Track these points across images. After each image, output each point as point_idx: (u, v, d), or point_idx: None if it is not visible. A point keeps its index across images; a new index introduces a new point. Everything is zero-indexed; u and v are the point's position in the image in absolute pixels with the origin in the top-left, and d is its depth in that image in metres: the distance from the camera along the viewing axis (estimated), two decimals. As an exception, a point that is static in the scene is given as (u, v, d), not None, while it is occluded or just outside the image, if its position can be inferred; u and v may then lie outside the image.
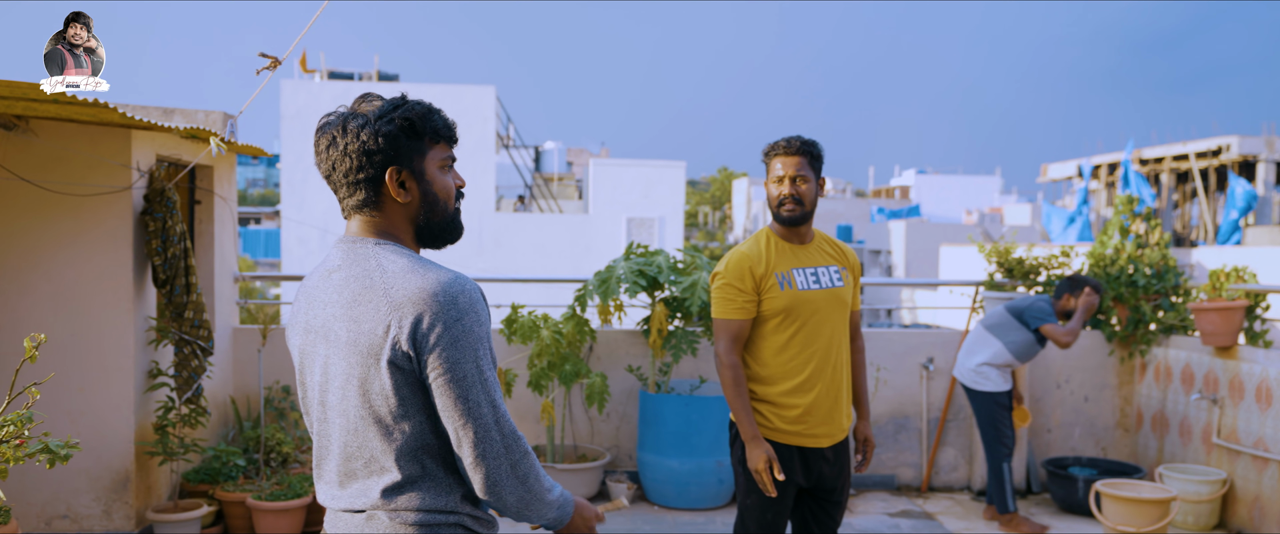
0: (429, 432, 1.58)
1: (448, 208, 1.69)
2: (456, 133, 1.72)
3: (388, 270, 1.56)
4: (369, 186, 1.61)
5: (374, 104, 1.64)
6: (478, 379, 1.53)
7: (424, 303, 1.51)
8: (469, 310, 1.53)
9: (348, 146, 1.59)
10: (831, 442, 2.92)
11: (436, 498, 1.59)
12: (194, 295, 4.38)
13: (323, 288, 1.64)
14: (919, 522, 5.09)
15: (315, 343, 1.64)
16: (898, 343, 5.69)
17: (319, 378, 1.64)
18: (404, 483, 1.58)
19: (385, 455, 1.58)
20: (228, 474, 4.68)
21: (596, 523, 1.79)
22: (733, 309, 2.86)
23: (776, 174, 2.88)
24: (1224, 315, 4.94)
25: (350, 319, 1.56)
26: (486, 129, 19.38)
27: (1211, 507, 4.93)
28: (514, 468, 1.57)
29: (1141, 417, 5.71)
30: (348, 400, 1.59)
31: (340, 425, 1.61)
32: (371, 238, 1.63)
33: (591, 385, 5.08)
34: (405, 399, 1.55)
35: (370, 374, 1.55)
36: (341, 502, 1.63)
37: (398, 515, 1.58)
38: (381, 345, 1.53)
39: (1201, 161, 23.60)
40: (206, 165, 5.03)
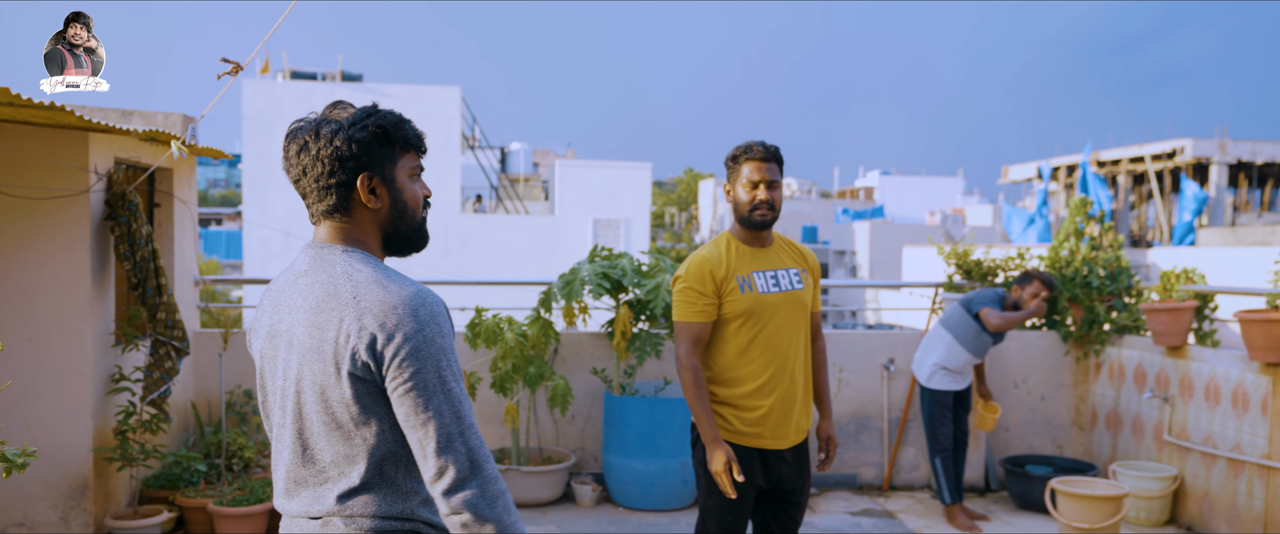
0: (390, 440, 1.59)
1: (416, 216, 1.71)
2: (426, 143, 1.74)
3: (354, 279, 1.58)
4: (339, 192, 1.62)
5: (347, 111, 1.66)
6: (439, 388, 1.52)
7: (385, 314, 1.52)
8: (430, 322, 1.54)
9: (320, 152, 1.60)
10: (791, 443, 2.96)
11: (393, 504, 1.60)
12: (166, 296, 4.35)
13: (288, 293, 1.65)
14: (880, 520, 5.17)
15: (278, 348, 1.64)
16: (859, 344, 5.76)
17: (280, 383, 1.65)
18: (360, 489, 1.59)
19: (342, 462, 1.59)
20: (189, 480, 4.63)
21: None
22: (694, 312, 2.89)
23: (751, 179, 2.89)
24: (1174, 316, 5.06)
25: (313, 326, 1.57)
26: (452, 130, 19.29)
27: (1163, 502, 5.06)
28: (483, 487, 1.51)
29: (1096, 415, 5.83)
30: (307, 406, 1.60)
31: (299, 431, 1.62)
32: (339, 245, 1.64)
33: (555, 387, 5.09)
34: (366, 407, 1.56)
35: (330, 381, 1.56)
36: (298, 508, 1.64)
37: (353, 522, 1.59)
38: (342, 354, 1.54)
39: (1157, 164, 24.09)
40: (166, 168, 4.98)
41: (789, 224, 44.39)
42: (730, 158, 2.94)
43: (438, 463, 1.51)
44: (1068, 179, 26.76)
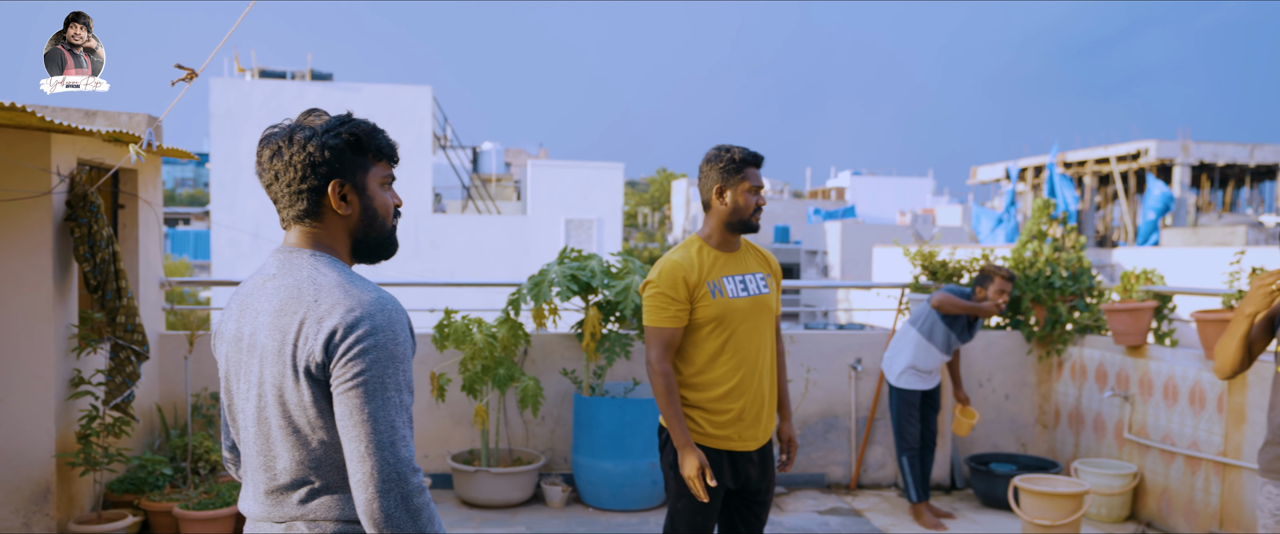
0: None
1: (386, 224, 1.73)
2: (398, 154, 1.76)
3: (317, 282, 1.59)
4: (311, 197, 1.64)
5: (321, 118, 1.68)
6: (380, 394, 1.51)
7: (341, 315, 1.53)
8: (386, 328, 1.54)
9: (293, 157, 1.62)
10: (758, 445, 3.00)
11: (354, 509, 1.62)
12: (126, 299, 4.31)
13: (256, 297, 1.66)
14: (847, 519, 5.22)
15: (243, 352, 1.65)
16: (827, 344, 5.82)
17: (245, 387, 1.65)
18: (322, 492, 1.60)
19: (304, 466, 1.60)
20: (154, 483, 4.59)
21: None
22: (666, 318, 2.90)
23: (755, 184, 2.92)
24: (1134, 316, 5.16)
25: (275, 328, 1.58)
26: (423, 129, 19.19)
27: (1123, 499, 5.15)
28: (406, 500, 1.50)
29: (1059, 413, 5.93)
30: (269, 410, 1.61)
31: (264, 435, 1.63)
32: (308, 249, 1.66)
33: (525, 388, 5.10)
34: (323, 410, 1.57)
35: (288, 384, 1.57)
36: (261, 512, 1.64)
37: (316, 525, 1.60)
38: (300, 355, 1.55)
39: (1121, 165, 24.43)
40: (130, 169, 4.93)
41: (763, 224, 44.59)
42: (729, 163, 2.91)
43: (362, 468, 1.50)
44: (1035, 180, 27.10)
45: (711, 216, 2.98)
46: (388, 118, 19.00)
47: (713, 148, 2.99)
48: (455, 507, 5.27)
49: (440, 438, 5.58)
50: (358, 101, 18.90)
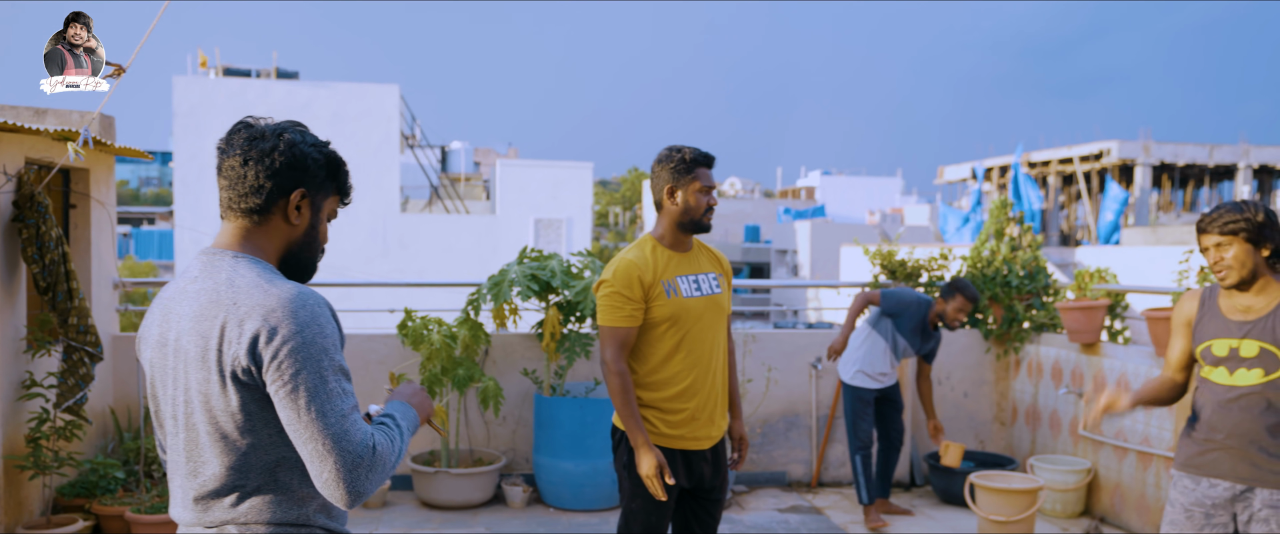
0: (280, 444, 1.59)
1: (319, 251, 1.76)
2: (351, 198, 1.81)
3: (236, 284, 1.58)
4: (270, 196, 1.64)
5: (304, 129, 1.72)
6: (321, 390, 1.52)
7: (263, 316, 1.53)
8: (310, 322, 1.54)
9: (275, 150, 1.63)
10: (711, 443, 3.01)
11: (288, 510, 1.61)
12: (77, 301, 4.24)
13: (177, 300, 1.65)
14: (807, 516, 5.26)
15: (166, 356, 1.64)
16: (787, 343, 5.85)
17: (171, 392, 1.64)
18: (252, 495, 1.59)
19: (234, 470, 1.59)
20: (106, 487, 4.53)
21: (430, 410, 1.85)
22: (621, 317, 2.90)
23: (706, 184, 2.93)
24: (1087, 314, 5.24)
25: (197, 333, 1.57)
26: (390, 128, 19.06)
27: (1078, 495, 5.23)
28: (371, 470, 1.54)
29: (1016, 411, 6.00)
30: (196, 415, 1.59)
31: (191, 440, 1.62)
32: (233, 250, 1.65)
33: (485, 388, 5.09)
34: (251, 414, 1.56)
35: (214, 389, 1.56)
36: (191, 518, 1.63)
37: (247, 529, 1.59)
38: (225, 360, 1.54)
39: (1084, 165, 24.78)
40: (82, 168, 4.86)
41: (732, 223, 44.72)
42: (680, 164, 2.91)
43: (326, 466, 1.52)
44: (1001, 179, 27.41)
45: (664, 217, 2.99)
46: (355, 116, 18.86)
47: (664, 148, 3.00)
48: (415, 508, 5.24)
49: (400, 439, 5.54)
50: (324, 100, 18.74)
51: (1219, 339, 2.71)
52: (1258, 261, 2.63)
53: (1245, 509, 2.67)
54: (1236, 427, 2.67)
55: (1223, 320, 2.72)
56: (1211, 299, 2.77)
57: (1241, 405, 2.66)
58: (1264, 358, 2.62)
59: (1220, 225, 2.64)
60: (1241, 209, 2.63)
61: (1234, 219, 2.62)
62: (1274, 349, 2.62)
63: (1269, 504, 2.62)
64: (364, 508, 5.21)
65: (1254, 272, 2.64)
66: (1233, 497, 2.69)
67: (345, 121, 18.85)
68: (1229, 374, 2.68)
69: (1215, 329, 2.72)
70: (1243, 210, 2.63)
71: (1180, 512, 2.79)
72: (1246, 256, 2.62)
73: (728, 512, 5.30)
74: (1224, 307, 2.74)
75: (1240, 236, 2.62)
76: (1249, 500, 2.66)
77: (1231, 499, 2.69)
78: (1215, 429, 2.71)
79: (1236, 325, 2.68)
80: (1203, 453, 2.74)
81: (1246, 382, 2.65)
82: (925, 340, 5.09)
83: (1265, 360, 2.62)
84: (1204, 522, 2.73)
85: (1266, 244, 2.62)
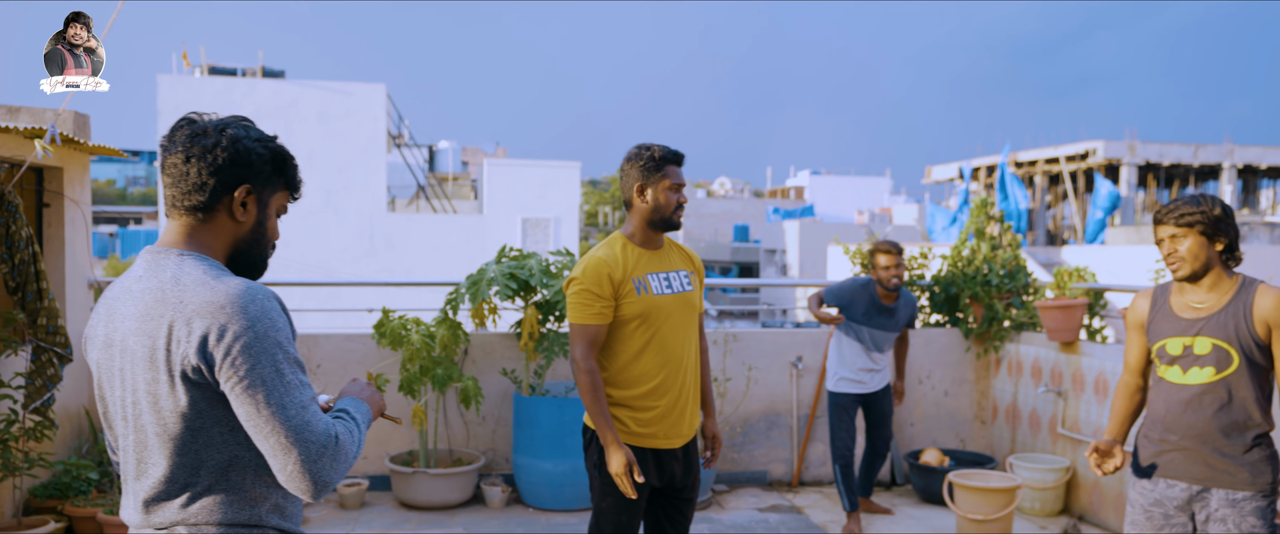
0: (232, 443, 1.57)
1: (268, 246, 1.74)
2: (301, 193, 1.79)
3: (181, 282, 1.56)
4: (214, 193, 1.62)
5: (248, 124, 1.70)
6: (278, 383, 1.51)
7: (211, 314, 1.51)
8: (261, 317, 1.53)
9: (218, 146, 1.61)
10: (682, 442, 3.00)
11: (239, 511, 1.59)
12: (47, 301, 4.20)
13: (122, 300, 1.62)
14: (787, 516, 5.25)
15: (113, 357, 1.62)
16: (768, 342, 5.85)
17: (119, 393, 1.62)
18: (203, 495, 1.58)
19: (183, 470, 1.57)
20: (79, 489, 4.49)
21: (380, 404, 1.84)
22: (591, 315, 2.89)
23: (676, 182, 2.93)
24: (1066, 312, 5.24)
25: (143, 333, 1.55)
26: (377, 127, 19.00)
27: (1056, 493, 5.24)
28: (335, 460, 1.54)
29: (997, 409, 6.01)
30: (144, 416, 1.57)
31: (140, 441, 1.59)
32: (179, 248, 1.63)
33: (464, 388, 5.06)
34: (202, 413, 1.54)
35: (163, 389, 1.54)
36: (141, 519, 1.61)
37: (197, 529, 1.57)
38: (174, 360, 1.52)
39: (1071, 164, 24.87)
40: (56, 166, 4.82)
41: (721, 223, 44.74)
42: (650, 161, 2.91)
43: (289, 459, 1.50)
44: (988, 179, 27.50)
45: (634, 215, 2.98)
46: (341, 115, 18.80)
47: (633, 147, 2.98)
48: (393, 508, 5.21)
49: (379, 439, 5.52)
50: (310, 99, 18.66)
51: (1173, 338, 2.70)
52: (1211, 255, 2.63)
53: (1203, 509, 2.67)
54: (1191, 427, 2.66)
55: (1175, 318, 2.71)
56: (1163, 298, 2.77)
57: (1194, 405, 2.66)
58: (1216, 355, 2.62)
59: (1176, 217, 2.64)
60: (1198, 202, 2.63)
61: (1190, 211, 2.62)
62: (1226, 346, 2.61)
63: (1226, 503, 2.62)
64: (341, 508, 5.18)
65: (1206, 265, 2.64)
66: (1190, 497, 2.69)
67: (331, 120, 18.77)
68: (1182, 373, 2.68)
69: (1168, 328, 2.72)
70: (1199, 204, 2.63)
71: (1140, 512, 2.80)
72: (1200, 250, 2.62)
73: (707, 511, 5.29)
74: (1176, 304, 2.73)
75: (1195, 230, 2.61)
76: (1206, 500, 2.66)
77: (1189, 500, 2.69)
78: (1170, 430, 2.71)
79: (1189, 323, 2.68)
80: (1160, 454, 2.74)
81: (1199, 380, 2.65)
82: (888, 316, 4.89)
83: (1217, 358, 2.62)
84: (1163, 522, 2.73)
85: (1221, 238, 2.62)
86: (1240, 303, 2.62)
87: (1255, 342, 2.59)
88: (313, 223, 18.83)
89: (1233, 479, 2.63)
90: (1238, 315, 2.61)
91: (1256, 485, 2.62)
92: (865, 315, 4.86)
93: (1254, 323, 2.59)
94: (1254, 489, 2.62)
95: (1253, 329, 2.59)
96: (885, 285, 4.81)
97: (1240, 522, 2.61)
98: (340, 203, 19.03)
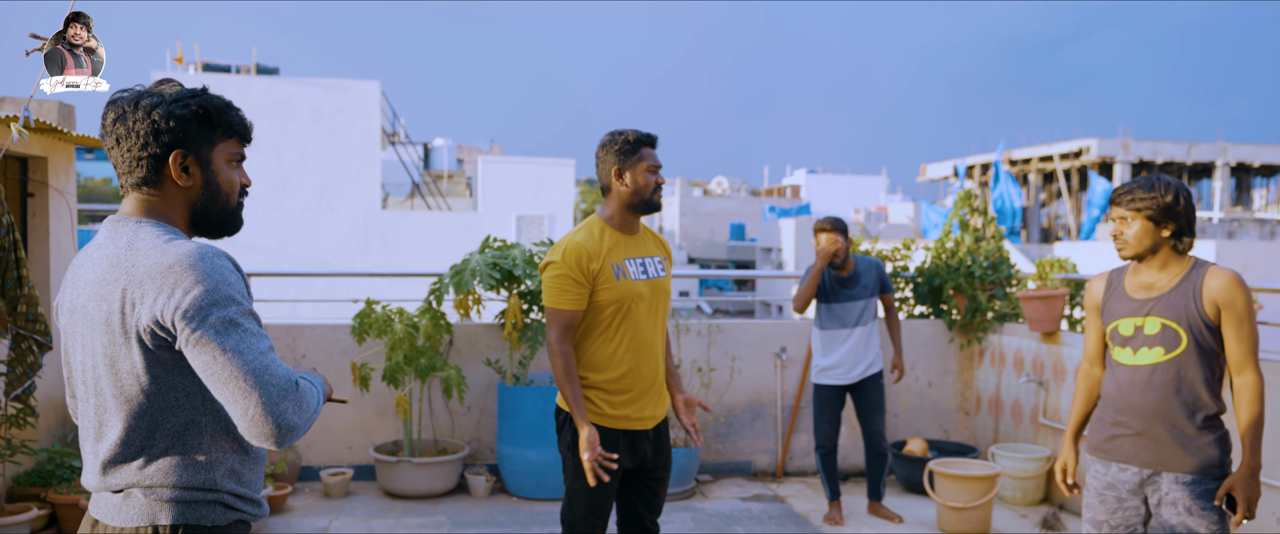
0: (188, 408, 1.60)
1: (229, 200, 1.73)
2: (251, 133, 1.77)
3: (135, 247, 1.58)
4: (150, 165, 1.64)
5: (173, 87, 1.68)
6: (234, 332, 1.52)
7: (162, 276, 1.53)
8: (210, 273, 1.54)
9: (137, 123, 1.62)
10: (654, 423, 3.03)
11: (195, 474, 1.61)
12: (26, 289, 4.22)
13: (84, 267, 1.65)
14: (770, 505, 5.27)
15: (76, 323, 1.64)
16: (753, 333, 5.87)
17: (81, 358, 1.64)
18: (158, 458, 1.60)
19: (139, 432, 1.59)
20: (62, 476, 4.51)
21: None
22: (567, 299, 2.91)
23: (653, 164, 2.96)
24: (1047, 303, 5.27)
25: (99, 298, 1.58)
26: (371, 124, 19.01)
27: (1037, 482, 5.27)
28: (298, 405, 1.55)
29: (980, 400, 6.04)
30: (102, 380, 1.60)
31: (99, 405, 1.62)
32: (137, 216, 1.65)
33: (448, 377, 5.09)
34: (157, 377, 1.57)
35: (119, 352, 1.56)
36: (99, 482, 1.63)
37: (153, 492, 1.60)
38: (129, 322, 1.54)
39: (1064, 162, 24.91)
40: (40, 156, 4.84)
41: (718, 221, 44.76)
42: (625, 145, 2.94)
43: (249, 401, 1.50)
44: (982, 177, 27.54)
45: (612, 199, 2.99)
46: (335, 112, 18.81)
47: (606, 134, 3.01)
48: (378, 497, 5.24)
49: (364, 429, 5.54)
50: (304, 96, 18.67)
51: (1125, 318, 2.72)
52: (1157, 240, 2.65)
53: (1155, 492, 2.69)
54: (1141, 409, 2.67)
55: (1127, 299, 2.73)
56: (1118, 279, 2.79)
57: (1144, 386, 2.66)
58: (1165, 335, 2.63)
59: (1129, 201, 2.67)
60: (1152, 188, 2.65)
61: (1143, 197, 2.64)
62: (1175, 326, 2.62)
63: (1176, 486, 2.64)
64: (326, 497, 5.20)
65: (1152, 248, 2.66)
66: (1141, 481, 2.70)
67: (325, 118, 18.78)
68: (1133, 354, 2.69)
69: (1120, 308, 2.73)
70: (1153, 190, 2.65)
71: (1094, 496, 2.81)
72: (1145, 235, 2.65)
73: (691, 500, 5.32)
74: (1129, 285, 2.75)
75: (1144, 215, 2.64)
76: (1157, 483, 2.68)
77: (1141, 483, 2.70)
78: (1121, 411, 2.72)
79: (1140, 303, 2.69)
80: (1111, 439, 2.75)
81: (1149, 360, 2.66)
82: (850, 285, 4.80)
83: (1166, 338, 2.63)
84: (1117, 505, 2.75)
85: (1169, 224, 2.64)
86: (1191, 284, 2.64)
87: (1204, 322, 2.61)
88: (307, 220, 18.84)
89: (1182, 462, 2.64)
90: (1187, 296, 2.63)
91: (1206, 468, 2.63)
92: (830, 292, 4.82)
93: (1203, 303, 2.61)
94: (1203, 472, 2.63)
95: (1202, 310, 2.61)
96: (830, 262, 4.74)
97: (1191, 504, 2.62)
98: (334, 200, 19.05)
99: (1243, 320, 2.60)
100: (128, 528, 1.59)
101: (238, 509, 1.67)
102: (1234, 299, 2.59)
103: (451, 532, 4.70)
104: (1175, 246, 2.68)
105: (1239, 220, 16.37)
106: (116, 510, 1.61)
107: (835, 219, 4.79)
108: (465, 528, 4.76)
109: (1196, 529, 2.63)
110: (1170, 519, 2.66)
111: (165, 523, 1.59)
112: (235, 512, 1.66)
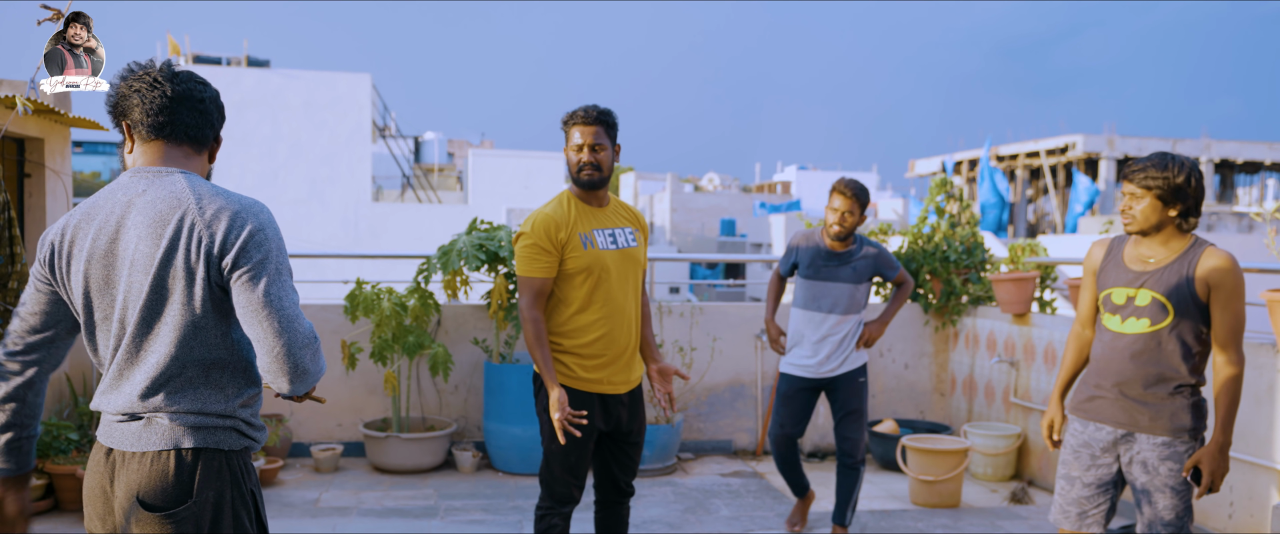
0: (220, 348, 1.77)
1: None
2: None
3: (197, 190, 1.77)
4: (210, 133, 1.89)
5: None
6: (278, 281, 1.73)
7: (232, 218, 1.73)
8: (269, 224, 1.77)
9: (216, 100, 1.90)
10: (628, 388, 3.18)
11: (216, 402, 1.78)
12: (19, 266, 4.33)
13: (126, 214, 1.77)
14: (748, 480, 5.43)
15: (116, 266, 1.76)
16: (733, 315, 6.02)
17: (122, 298, 1.76)
18: (186, 388, 1.76)
19: (177, 362, 1.75)
20: (59, 448, 4.63)
21: None
22: (537, 267, 3.06)
23: (575, 142, 3.09)
24: (1018, 285, 5.44)
25: (155, 237, 1.73)
26: (361, 118, 19.09)
27: (1008, 459, 5.43)
28: (315, 355, 1.76)
29: (955, 381, 6.20)
30: (151, 314, 1.74)
31: (137, 339, 1.76)
32: (181, 169, 1.83)
33: (435, 355, 5.22)
34: (207, 312, 1.74)
35: (178, 286, 1.73)
36: (123, 404, 1.77)
37: (178, 418, 1.75)
38: (193, 257, 1.71)
39: (1051, 158, 25.12)
40: (37, 137, 4.95)
41: (708, 217, 44.86)
42: (562, 124, 3.13)
43: (276, 342, 1.70)
44: (970, 173, 27.75)
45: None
46: (326, 105, 18.88)
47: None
48: (367, 472, 5.37)
49: (354, 407, 5.68)
50: (295, 88, 18.74)
51: (1119, 287, 2.82)
52: (1163, 218, 2.73)
53: (1128, 451, 2.83)
54: (1119, 374, 2.80)
55: (1124, 269, 2.82)
56: (1118, 248, 2.88)
57: (1125, 353, 2.79)
58: (1153, 308, 2.73)
59: (1141, 178, 2.72)
60: (1166, 167, 2.70)
61: (1155, 175, 2.69)
62: (1164, 300, 2.72)
63: (1148, 447, 2.79)
64: (316, 472, 5.34)
65: (1157, 226, 2.74)
66: (1115, 440, 2.84)
67: (316, 110, 18.86)
68: (1121, 322, 2.80)
69: (1116, 278, 2.83)
70: (1166, 169, 2.69)
71: (1070, 452, 2.97)
72: (1152, 212, 2.72)
73: (672, 476, 5.47)
74: (1128, 256, 2.84)
75: (1153, 193, 2.70)
76: (1130, 443, 2.82)
77: (1115, 442, 2.85)
78: (1103, 375, 2.85)
79: (1135, 275, 2.79)
80: (1090, 400, 2.90)
81: (1134, 330, 2.77)
82: (838, 264, 4.15)
83: (1153, 310, 2.74)
84: (1090, 462, 2.90)
85: (1177, 204, 2.71)
86: (1187, 261, 2.73)
87: (1193, 300, 2.70)
88: (298, 212, 18.92)
89: (1153, 424, 2.77)
90: (1182, 272, 2.72)
91: (1176, 430, 2.75)
92: (811, 266, 4.17)
93: (1196, 281, 2.70)
94: (1174, 434, 2.75)
95: (1193, 287, 2.70)
96: (831, 231, 4.11)
97: (1159, 465, 2.76)
98: (325, 192, 19.13)
99: (1230, 301, 2.69)
100: (149, 451, 1.74)
101: (249, 437, 1.84)
102: (1224, 281, 2.68)
103: (439, 503, 4.84)
104: (1180, 226, 2.76)
105: (1218, 214, 16.62)
106: (136, 437, 1.75)
107: (855, 184, 4.10)
108: (452, 500, 4.90)
109: (1160, 488, 2.76)
110: (1138, 477, 2.80)
111: (188, 446, 1.75)
112: (247, 439, 1.84)
